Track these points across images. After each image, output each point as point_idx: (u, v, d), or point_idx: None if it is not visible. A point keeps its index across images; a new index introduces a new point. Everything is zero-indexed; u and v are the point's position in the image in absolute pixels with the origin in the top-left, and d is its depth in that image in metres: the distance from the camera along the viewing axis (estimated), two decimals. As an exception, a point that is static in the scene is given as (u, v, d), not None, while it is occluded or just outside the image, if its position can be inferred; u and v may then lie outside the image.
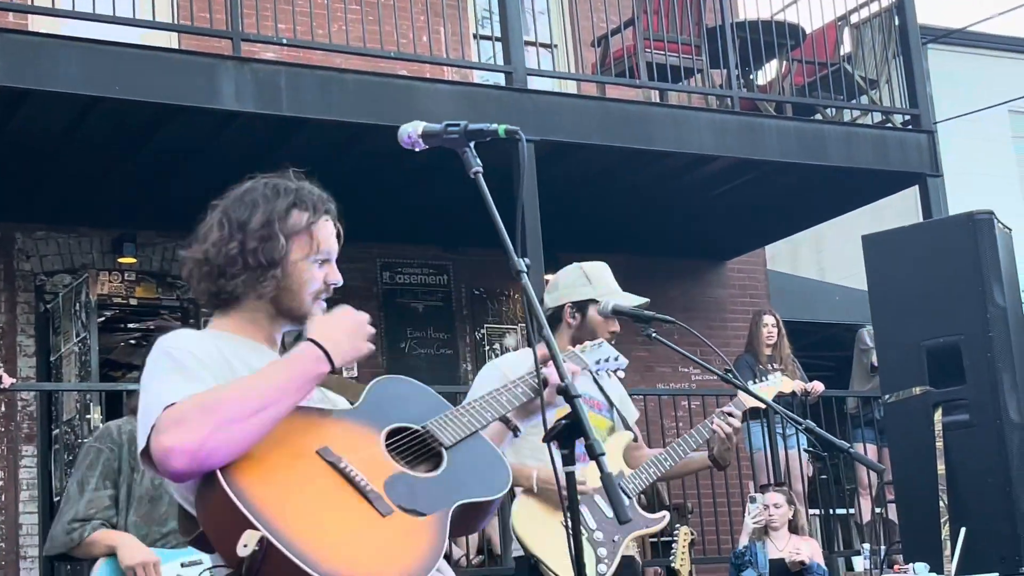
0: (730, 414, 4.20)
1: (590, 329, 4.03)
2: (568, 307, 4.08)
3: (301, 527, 2.25)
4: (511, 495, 3.95)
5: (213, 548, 2.34)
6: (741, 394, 4.30)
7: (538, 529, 3.92)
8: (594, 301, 4.04)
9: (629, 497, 4.08)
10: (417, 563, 2.32)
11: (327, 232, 2.59)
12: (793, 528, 7.47)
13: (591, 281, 4.07)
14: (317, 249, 2.55)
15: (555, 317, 4.11)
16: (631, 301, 4.12)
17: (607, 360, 3.32)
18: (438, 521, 2.41)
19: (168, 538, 4.08)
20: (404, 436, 2.52)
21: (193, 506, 2.38)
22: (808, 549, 7.31)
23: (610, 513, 3.98)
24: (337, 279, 2.60)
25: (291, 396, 2.34)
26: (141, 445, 2.35)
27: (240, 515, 2.22)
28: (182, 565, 4.02)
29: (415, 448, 2.52)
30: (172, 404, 2.29)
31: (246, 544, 2.21)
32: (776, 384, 4.55)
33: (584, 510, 3.95)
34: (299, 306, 2.56)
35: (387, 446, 2.48)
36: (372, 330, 2.50)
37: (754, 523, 7.43)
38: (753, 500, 7.66)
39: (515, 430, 2.86)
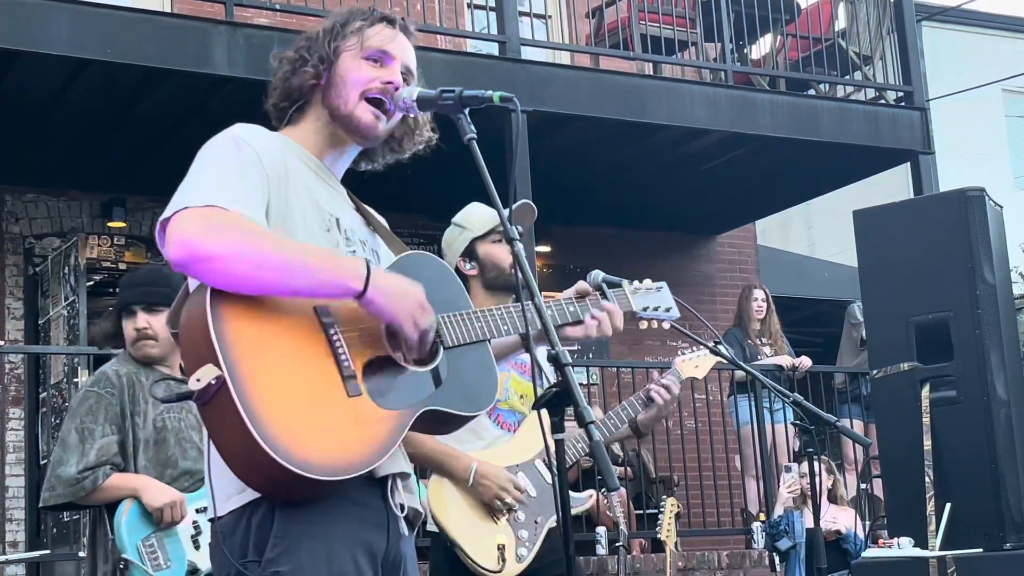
0: (667, 387, 4.12)
1: (493, 263, 3.91)
2: (460, 262, 4.01)
3: (262, 382, 2.23)
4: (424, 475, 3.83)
5: None
6: (678, 363, 4.23)
7: (455, 511, 3.80)
8: (478, 239, 3.92)
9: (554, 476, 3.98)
10: (358, 454, 2.29)
11: (384, 35, 2.61)
12: (832, 498, 7.39)
13: (464, 226, 3.97)
14: (363, 46, 2.57)
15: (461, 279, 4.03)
16: (495, 219, 3.91)
17: (656, 309, 3.21)
18: (399, 418, 2.38)
19: (179, 480, 4.03)
20: None
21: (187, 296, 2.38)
22: (846, 519, 7.24)
23: (534, 492, 3.87)
24: (392, 78, 2.58)
25: (310, 282, 2.31)
26: (164, 215, 2.32)
27: (209, 343, 2.22)
28: (196, 511, 3.99)
29: None
30: (216, 206, 2.29)
31: (199, 379, 2.20)
32: (699, 359, 4.41)
33: None
34: (343, 104, 2.55)
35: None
36: (424, 322, 2.40)
37: (788, 492, 7.33)
38: (788, 469, 7.53)
39: (529, 349, 2.82)
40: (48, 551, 8.04)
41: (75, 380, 8.40)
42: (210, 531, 2.42)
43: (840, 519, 7.15)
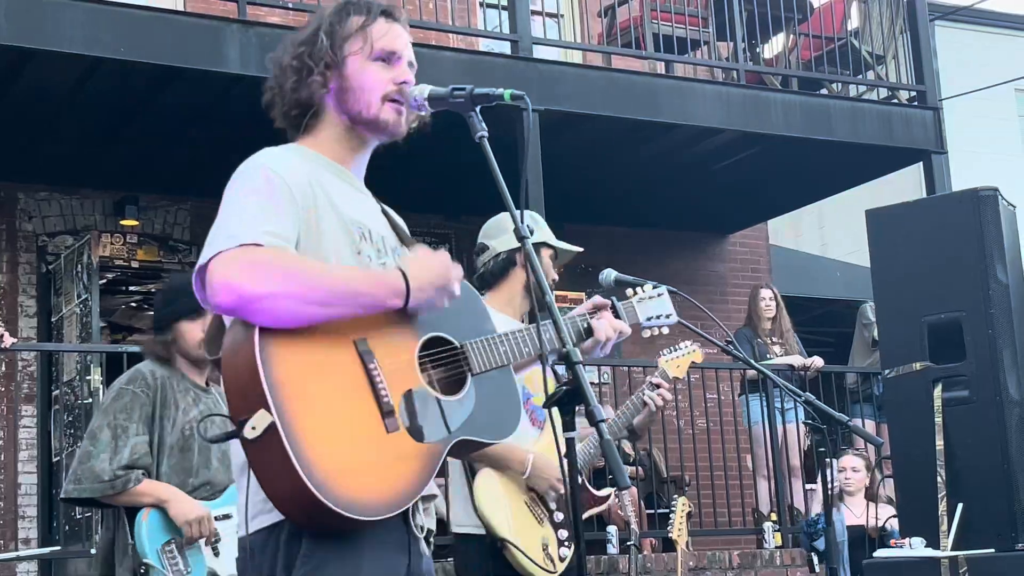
0: (658, 385, 4.19)
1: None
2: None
3: (309, 423, 2.26)
4: (471, 470, 3.89)
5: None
6: (662, 363, 4.30)
7: (503, 509, 3.85)
8: (545, 245, 4.09)
9: (579, 474, 4.01)
10: (398, 492, 2.34)
11: (389, 33, 2.60)
12: (870, 495, 7.32)
13: (539, 225, 4.09)
14: (372, 48, 2.57)
15: (508, 260, 4.07)
16: (565, 245, 4.17)
17: (659, 317, 3.33)
18: (434, 451, 2.43)
19: (200, 490, 4.06)
20: (439, 350, 2.53)
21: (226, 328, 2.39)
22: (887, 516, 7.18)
23: None
24: (406, 77, 2.59)
25: (355, 309, 2.36)
26: (202, 261, 2.33)
27: (258, 387, 2.24)
28: (215, 519, 4.03)
29: (445, 363, 2.53)
30: (249, 244, 2.30)
31: (255, 427, 2.24)
32: (687, 354, 4.44)
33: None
34: (366, 108, 2.57)
35: (421, 356, 2.49)
36: (456, 288, 2.50)
37: (845, 483, 7.23)
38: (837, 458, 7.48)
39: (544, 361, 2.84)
40: (60, 547, 8.05)
41: (87, 378, 8.42)
42: (238, 547, 2.45)
43: (883, 517, 7.08)
